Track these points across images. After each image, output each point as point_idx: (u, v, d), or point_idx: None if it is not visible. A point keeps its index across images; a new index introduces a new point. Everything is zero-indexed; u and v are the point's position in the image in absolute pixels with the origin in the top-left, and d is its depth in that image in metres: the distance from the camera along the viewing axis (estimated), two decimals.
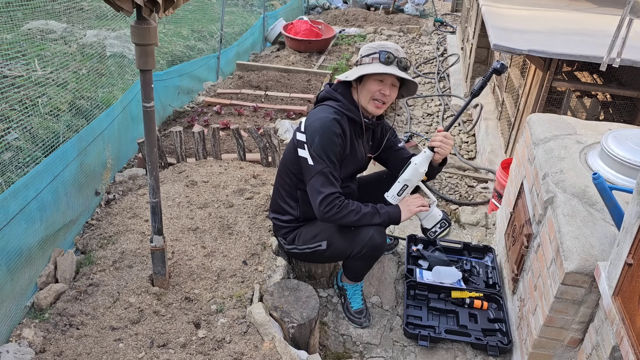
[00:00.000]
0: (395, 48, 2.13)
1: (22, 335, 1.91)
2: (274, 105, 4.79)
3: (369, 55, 2.14)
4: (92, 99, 3.72)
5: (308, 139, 2.12)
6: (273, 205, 2.43)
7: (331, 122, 2.10)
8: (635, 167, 1.99)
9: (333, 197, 2.09)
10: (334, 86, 2.26)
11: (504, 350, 2.31)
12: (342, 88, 2.23)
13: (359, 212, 2.14)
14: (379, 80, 2.13)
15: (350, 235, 2.21)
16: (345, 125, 2.16)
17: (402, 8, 11.09)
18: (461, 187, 4.45)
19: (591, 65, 3.76)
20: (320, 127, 2.10)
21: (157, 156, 1.98)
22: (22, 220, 2.14)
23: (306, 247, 2.32)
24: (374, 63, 2.11)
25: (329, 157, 2.10)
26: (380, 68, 2.08)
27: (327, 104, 2.20)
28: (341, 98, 2.19)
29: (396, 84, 2.18)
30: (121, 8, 1.58)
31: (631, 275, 1.43)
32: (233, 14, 8.60)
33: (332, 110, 2.15)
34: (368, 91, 2.15)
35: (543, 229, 2.08)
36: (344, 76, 2.18)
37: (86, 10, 4.76)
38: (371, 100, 2.17)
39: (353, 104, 2.20)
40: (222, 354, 1.91)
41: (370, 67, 2.10)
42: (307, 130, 2.13)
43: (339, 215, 2.11)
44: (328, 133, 2.09)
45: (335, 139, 2.10)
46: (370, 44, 2.18)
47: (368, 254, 2.23)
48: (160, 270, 2.18)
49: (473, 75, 6.32)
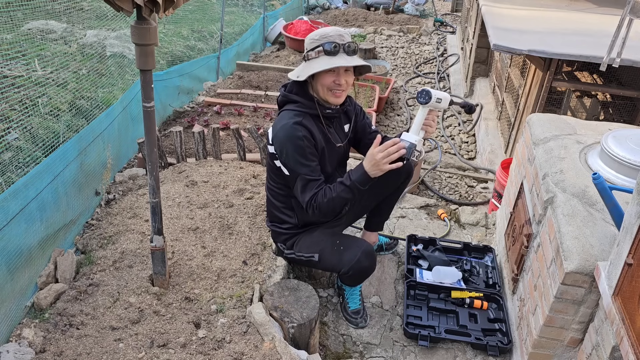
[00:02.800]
0: (339, 34, 2.06)
1: (22, 335, 1.91)
2: (274, 105, 4.79)
3: (314, 49, 2.06)
4: (92, 99, 3.72)
5: (277, 150, 2.12)
6: (270, 216, 2.42)
7: (292, 128, 2.07)
8: (635, 167, 1.99)
9: (311, 202, 2.10)
10: (288, 88, 2.22)
11: (503, 350, 2.31)
12: (297, 87, 2.19)
13: (332, 199, 2.09)
14: (331, 71, 2.07)
15: (338, 254, 2.20)
16: (309, 123, 2.13)
17: (402, 8, 11.09)
18: (461, 187, 4.45)
19: (591, 65, 3.76)
20: (283, 136, 2.08)
21: (157, 156, 1.98)
22: (22, 220, 2.14)
23: (302, 255, 2.33)
24: (320, 57, 2.05)
25: (301, 163, 2.08)
26: (328, 62, 2.03)
27: (286, 108, 2.18)
28: (298, 99, 2.16)
29: (350, 69, 2.13)
30: (121, 8, 1.58)
31: (631, 275, 1.43)
32: (233, 14, 8.60)
33: (292, 114, 2.12)
34: (322, 85, 2.10)
35: (543, 229, 2.09)
36: (295, 76, 2.14)
37: (86, 10, 4.77)
38: (329, 91, 2.12)
39: (312, 99, 2.16)
40: (222, 354, 1.91)
41: (317, 63, 2.04)
42: (275, 141, 2.13)
43: (322, 214, 2.13)
44: (293, 139, 2.07)
45: (300, 143, 2.07)
46: (312, 35, 2.09)
47: (355, 275, 2.24)
48: (160, 270, 2.18)
49: (473, 75, 6.32)
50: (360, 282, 2.44)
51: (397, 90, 6.74)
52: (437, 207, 3.47)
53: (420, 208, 3.44)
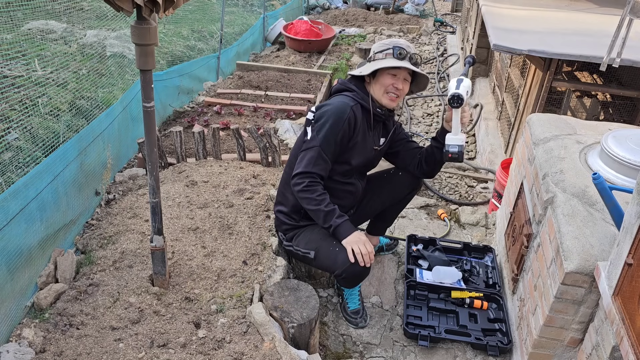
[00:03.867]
0: (407, 44, 2.21)
1: (22, 335, 1.91)
2: (274, 105, 4.79)
3: (382, 51, 2.21)
4: (92, 99, 3.72)
5: (316, 117, 2.20)
6: (278, 197, 2.45)
7: (344, 106, 2.18)
8: (635, 167, 1.99)
9: (306, 175, 2.15)
10: (347, 80, 2.33)
11: (504, 350, 2.31)
12: (356, 82, 2.31)
13: (318, 205, 2.15)
14: (392, 75, 2.21)
15: (333, 255, 2.20)
16: (359, 113, 2.23)
17: (402, 8, 11.09)
18: (461, 187, 4.45)
19: (591, 65, 3.76)
20: (331, 109, 2.17)
21: (157, 156, 1.98)
22: (22, 220, 2.14)
23: (299, 249, 2.34)
24: (388, 58, 2.19)
25: (327, 138, 2.15)
26: (395, 62, 2.16)
27: (343, 94, 2.27)
28: (355, 89, 2.27)
29: (408, 78, 2.26)
30: (121, 8, 1.58)
31: (631, 275, 1.43)
32: (233, 14, 8.60)
33: (349, 99, 2.23)
34: (382, 85, 2.22)
35: (543, 229, 2.09)
36: (358, 71, 2.26)
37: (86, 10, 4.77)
38: (385, 94, 2.24)
39: (367, 94, 2.28)
40: (222, 354, 1.91)
41: (384, 62, 2.18)
42: (319, 109, 2.22)
43: (300, 195, 2.17)
44: (338, 115, 2.15)
45: (342, 123, 2.15)
46: (382, 41, 2.26)
47: (349, 278, 2.24)
48: (160, 270, 2.18)
49: (473, 75, 6.32)
50: (354, 285, 2.45)
51: None
52: (437, 207, 3.47)
53: (420, 208, 3.44)
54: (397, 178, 2.56)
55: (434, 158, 2.41)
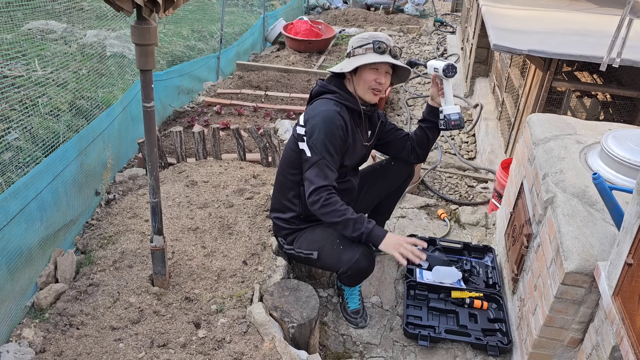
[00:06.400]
0: (386, 37, 2.17)
1: (22, 335, 1.91)
2: (274, 105, 4.79)
3: (362, 46, 2.16)
4: (92, 99, 3.72)
5: (308, 132, 2.14)
6: (274, 204, 2.43)
7: (333, 114, 2.13)
8: (635, 167, 1.99)
9: (321, 190, 2.09)
10: (326, 80, 2.29)
11: (504, 350, 2.31)
12: (335, 81, 2.26)
13: (343, 216, 2.08)
14: (374, 69, 2.17)
15: (337, 253, 2.19)
16: (346, 115, 2.19)
17: (402, 8, 11.09)
18: (461, 187, 4.45)
19: (591, 65, 3.76)
20: (321, 120, 2.12)
21: (157, 156, 1.98)
22: (22, 220, 2.14)
23: (301, 251, 2.33)
24: (368, 53, 2.14)
25: (327, 150, 2.12)
26: (376, 58, 2.12)
27: (325, 97, 2.22)
28: (337, 90, 2.22)
29: (390, 71, 2.23)
30: (121, 8, 1.58)
31: (631, 275, 1.43)
32: (233, 14, 8.60)
33: (332, 103, 2.18)
34: (364, 81, 2.18)
35: (543, 229, 2.09)
36: (339, 68, 2.21)
37: (86, 10, 4.77)
38: (369, 90, 2.20)
39: (349, 94, 2.24)
40: (222, 354, 1.91)
41: (365, 58, 2.14)
42: (308, 123, 2.16)
43: (322, 211, 2.10)
44: (329, 125, 2.11)
45: (335, 132, 2.12)
46: (360, 35, 2.21)
47: (353, 275, 2.23)
48: (160, 270, 2.18)
49: (473, 76, 6.32)
50: (358, 283, 2.44)
51: (397, 90, 6.74)
52: (437, 207, 3.47)
53: (420, 208, 3.44)
54: (390, 168, 2.56)
55: (426, 139, 2.42)
